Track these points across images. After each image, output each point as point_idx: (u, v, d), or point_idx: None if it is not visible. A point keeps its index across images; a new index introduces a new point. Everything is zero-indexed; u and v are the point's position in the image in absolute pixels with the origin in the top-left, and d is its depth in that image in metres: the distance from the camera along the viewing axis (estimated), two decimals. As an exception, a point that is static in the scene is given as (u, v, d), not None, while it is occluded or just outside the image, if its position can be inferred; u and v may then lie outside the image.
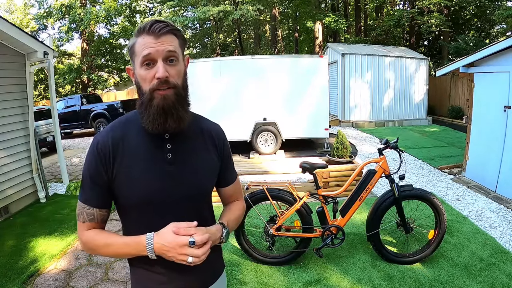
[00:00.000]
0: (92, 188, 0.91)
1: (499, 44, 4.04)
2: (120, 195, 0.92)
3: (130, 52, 0.91)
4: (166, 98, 0.86)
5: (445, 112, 11.51)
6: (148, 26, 0.86)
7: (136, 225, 0.95)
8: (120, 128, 0.94)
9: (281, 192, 2.71)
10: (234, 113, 6.83)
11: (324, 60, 6.84)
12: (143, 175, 0.90)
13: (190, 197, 0.95)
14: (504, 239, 3.06)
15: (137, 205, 0.92)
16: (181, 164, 0.94)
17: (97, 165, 0.90)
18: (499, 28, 16.77)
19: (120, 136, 0.92)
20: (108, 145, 0.90)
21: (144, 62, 0.86)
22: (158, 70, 0.84)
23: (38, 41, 4.30)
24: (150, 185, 0.90)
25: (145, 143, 0.92)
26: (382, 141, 2.73)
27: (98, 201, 0.92)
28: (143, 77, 0.87)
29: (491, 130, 4.29)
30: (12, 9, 21.47)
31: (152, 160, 0.92)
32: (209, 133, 1.03)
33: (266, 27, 23.87)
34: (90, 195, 0.92)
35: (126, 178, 0.90)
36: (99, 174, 0.90)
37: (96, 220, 0.93)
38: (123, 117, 0.98)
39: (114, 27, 18.41)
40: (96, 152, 0.90)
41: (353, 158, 5.67)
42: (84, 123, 11.40)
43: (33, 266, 2.86)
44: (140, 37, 0.87)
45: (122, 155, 0.90)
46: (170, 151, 0.93)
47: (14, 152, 4.21)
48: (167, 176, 0.92)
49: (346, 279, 2.55)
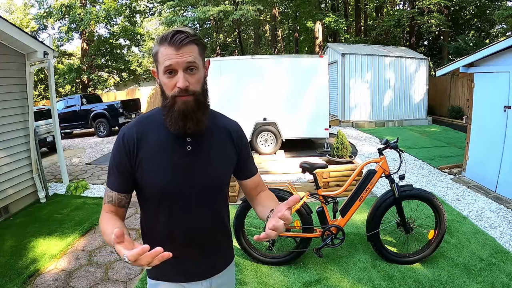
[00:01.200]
0: (116, 175, 1.01)
1: (499, 44, 4.04)
2: (143, 184, 1.01)
3: (154, 58, 0.99)
4: (186, 103, 0.95)
5: (445, 112, 11.51)
6: (169, 37, 0.92)
7: (155, 213, 1.04)
8: (144, 123, 1.04)
9: (281, 192, 2.71)
10: (234, 113, 6.70)
11: (324, 60, 6.84)
12: (164, 166, 0.99)
13: (207, 188, 1.04)
14: (504, 239, 3.06)
15: (157, 194, 1.00)
16: (199, 157, 1.02)
17: (121, 155, 0.99)
18: (499, 28, 16.77)
19: (144, 130, 1.01)
20: (133, 137, 0.99)
21: (166, 71, 0.93)
22: (179, 81, 0.92)
23: (38, 41, 4.30)
24: (170, 176, 0.99)
25: (167, 138, 1.00)
26: (382, 141, 2.73)
27: (118, 186, 1.02)
28: (166, 84, 0.95)
29: (491, 130, 4.29)
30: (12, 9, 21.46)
31: (173, 152, 1.00)
32: (227, 129, 1.11)
33: (266, 27, 23.87)
34: (113, 181, 1.02)
35: (148, 169, 0.99)
36: (123, 163, 1.00)
37: (114, 202, 1.02)
38: (147, 113, 1.08)
39: (114, 27, 18.37)
40: (121, 144, 1.00)
41: (353, 158, 5.67)
42: (84, 123, 11.40)
43: (33, 266, 2.85)
44: (162, 46, 0.93)
45: (145, 147, 0.99)
46: (190, 144, 1.01)
47: (14, 152, 4.21)
48: (187, 167, 1.00)
49: (346, 279, 2.55)
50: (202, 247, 1.07)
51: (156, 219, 1.04)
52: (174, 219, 1.03)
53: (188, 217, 1.03)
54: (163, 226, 1.04)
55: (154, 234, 1.06)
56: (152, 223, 1.06)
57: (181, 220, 1.03)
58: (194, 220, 1.04)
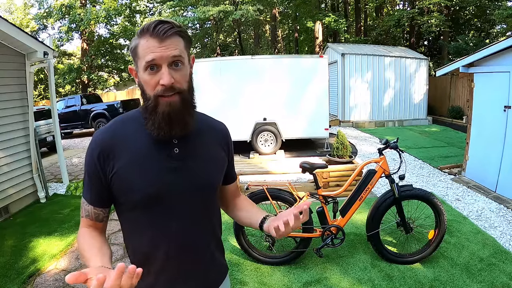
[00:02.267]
0: (90, 185, 0.91)
1: (499, 44, 4.04)
2: (121, 194, 0.89)
3: (132, 53, 0.87)
4: (171, 105, 0.83)
5: (445, 112, 11.51)
6: (152, 27, 0.81)
7: (138, 225, 0.92)
8: (121, 125, 0.92)
9: (281, 192, 2.71)
10: (234, 113, 6.83)
11: (324, 60, 6.84)
12: (146, 172, 0.87)
13: (197, 192, 0.93)
14: (504, 239, 3.06)
15: (139, 203, 0.88)
16: (188, 159, 0.92)
17: (94, 163, 0.88)
18: (499, 28, 16.75)
19: (120, 134, 0.89)
20: (107, 142, 0.87)
21: (148, 66, 0.82)
22: (163, 77, 0.81)
23: (38, 41, 4.30)
24: (153, 181, 0.87)
25: (148, 141, 0.88)
26: (382, 141, 2.73)
27: (93, 199, 0.91)
28: (147, 82, 0.83)
29: (491, 130, 4.29)
30: (12, 9, 21.46)
31: (155, 157, 0.88)
32: (215, 130, 1.03)
33: (266, 27, 23.86)
34: (87, 192, 0.92)
35: (127, 176, 0.86)
36: (96, 172, 0.88)
37: (91, 217, 0.92)
38: (122, 115, 0.95)
39: (114, 27, 18.39)
40: (94, 150, 0.88)
41: (353, 158, 5.67)
42: (84, 123, 11.40)
43: (33, 266, 2.85)
44: (143, 38, 0.82)
45: (122, 153, 0.87)
46: (177, 146, 0.90)
47: (14, 152, 4.21)
48: (172, 171, 0.89)
49: (346, 279, 2.55)
50: (194, 259, 0.96)
51: (140, 233, 0.91)
52: (162, 230, 0.90)
53: (174, 225, 0.91)
54: (149, 239, 0.90)
55: (141, 251, 0.93)
56: (137, 238, 0.93)
57: (167, 230, 0.90)
58: (181, 229, 0.92)
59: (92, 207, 0.91)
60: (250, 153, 6.96)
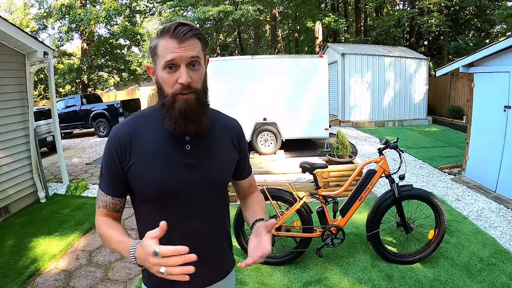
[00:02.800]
0: (108, 177, 0.95)
1: (499, 44, 4.04)
2: (136, 187, 0.94)
3: (151, 53, 0.91)
4: (187, 102, 0.88)
5: (445, 112, 11.51)
6: (172, 29, 0.85)
7: (152, 218, 0.93)
8: (138, 122, 0.97)
9: (281, 192, 2.71)
10: (234, 113, 6.70)
11: (324, 60, 6.84)
12: (160, 166, 0.92)
13: (208, 188, 0.98)
14: (504, 239, 3.06)
15: (153, 197, 0.94)
16: (199, 156, 0.96)
17: (113, 155, 0.93)
18: (499, 28, 16.75)
19: (137, 130, 0.94)
20: (125, 137, 0.93)
21: (167, 66, 0.86)
22: (182, 76, 0.86)
23: (38, 41, 4.30)
24: (167, 176, 0.92)
25: (163, 137, 0.94)
26: (382, 141, 2.73)
27: (112, 189, 0.96)
28: (166, 80, 0.88)
29: (491, 130, 4.29)
30: (12, 9, 21.45)
31: (170, 152, 0.93)
32: (227, 127, 1.07)
33: (266, 27, 23.86)
34: (105, 183, 0.97)
35: (142, 170, 0.92)
36: (115, 164, 0.93)
37: (109, 207, 0.97)
38: (140, 112, 1.02)
39: (114, 27, 18.37)
40: (113, 143, 0.93)
41: (353, 158, 5.67)
42: (84, 123, 11.40)
43: (33, 266, 2.85)
44: (163, 39, 0.87)
45: (139, 147, 0.93)
46: (189, 143, 0.95)
47: (14, 152, 4.21)
48: (186, 167, 0.94)
49: (346, 279, 2.55)
50: (202, 253, 0.90)
51: (153, 225, 0.89)
52: (173, 223, 0.90)
53: (188, 220, 0.95)
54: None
55: None
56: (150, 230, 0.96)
57: (180, 224, 0.94)
58: (194, 224, 0.97)
59: (110, 197, 0.96)
60: (250, 153, 6.96)
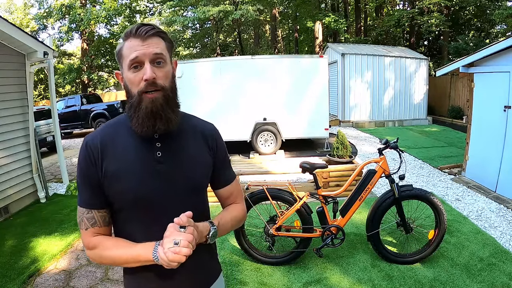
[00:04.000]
0: (87, 189, 0.91)
1: (499, 44, 4.04)
2: (110, 195, 0.91)
3: (118, 56, 0.92)
4: (154, 101, 0.87)
5: (445, 112, 11.51)
6: (134, 29, 0.87)
7: (128, 225, 0.94)
8: (109, 129, 0.95)
9: (281, 192, 2.71)
10: (234, 113, 6.84)
11: (324, 60, 6.84)
12: (133, 174, 0.90)
13: (181, 194, 0.94)
14: (504, 239, 3.06)
15: (128, 205, 0.91)
16: (171, 162, 0.93)
17: (88, 165, 0.90)
18: (499, 28, 16.76)
19: (109, 138, 0.93)
20: (97, 146, 0.90)
21: (132, 65, 0.87)
22: (146, 72, 0.85)
23: (38, 41, 4.30)
24: (141, 184, 0.90)
25: (134, 144, 0.92)
26: (382, 141, 2.73)
27: (95, 202, 0.91)
28: (131, 80, 0.88)
29: (491, 130, 4.29)
30: (12, 9, 21.45)
31: (142, 159, 0.91)
32: (201, 131, 1.02)
33: (266, 27, 23.85)
34: (86, 198, 0.92)
35: (116, 179, 0.89)
36: (92, 174, 0.90)
37: (99, 223, 0.92)
38: (112, 119, 1.00)
39: (114, 27, 18.37)
40: (86, 153, 0.90)
41: (353, 158, 5.67)
42: (84, 123, 11.40)
43: (33, 266, 2.86)
44: (127, 40, 0.88)
45: (111, 155, 0.90)
46: (160, 150, 0.93)
47: (14, 152, 4.21)
48: (158, 174, 0.91)
49: (346, 279, 2.55)
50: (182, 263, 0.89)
51: (130, 235, 0.92)
52: (149, 232, 0.90)
53: (164, 229, 0.86)
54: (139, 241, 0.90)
55: None
56: (125, 236, 0.93)
57: (156, 233, 0.87)
58: None
59: (95, 211, 0.91)
60: (250, 153, 6.96)
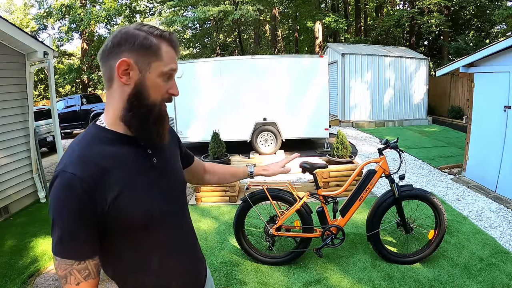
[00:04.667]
0: (81, 235, 0.74)
1: (499, 44, 4.04)
2: (120, 220, 0.79)
3: (147, 50, 0.79)
4: (164, 111, 0.89)
5: (445, 112, 11.51)
6: (172, 40, 0.84)
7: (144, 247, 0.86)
8: (88, 151, 0.78)
9: (281, 192, 2.71)
10: (234, 113, 6.84)
11: (324, 60, 6.84)
12: (140, 187, 0.84)
13: (179, 193, 0.99)
14: (504, 239, 3.06)
15: (142, 220, 0.83)
16: (164, 166, 0.94)
17: (83, 205, 0.73)
18: (499, 28, 16.76)
19: (97, 160, 0.77)
20: (89, 176, 0.74)
21: (167, 74, 0.83)
22: (174, 88, 0.86)
23: (38, 41, 4.29)
24: (151, 198, 0.86)
25: (128, 155, 0.84)
26: (382, 141, 2.72)
27: (91, 248, 0.77)
28: (159, 87, 0.82)
29: (491, 130, 4.29)
30: (12, 9, 21.46)
31: (144, 169, 0.86)
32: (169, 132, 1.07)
33: (266, 27, 23.86)
34: (78, 246, 0.75)
35: (126, 202, 0.79)
36: (90, 214, 0.74)
37: (93, 274, 0.76)
38: (82, 140, 0.81)
39: (114, 27, 18.36)
40: (77, 192, 0.72)
41: (353, 158, 5.67)
42: (84, 123, 11.39)
43: (33, 266, 2.86)
44: (164, 44, 0.81)
45: (110, 177, 0.77)
46: (153, 156, 0.89)
47: (14, 152, 4.21)
48: (159, 179, 0.90)
49: (346, 279, 2.55)
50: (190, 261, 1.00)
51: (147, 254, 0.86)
52: (167, 242, 0.89)
53: (175, 233, 0.93)
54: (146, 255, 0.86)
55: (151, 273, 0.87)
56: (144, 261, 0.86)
57: (171, 240, 0.91)
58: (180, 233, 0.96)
59: (89, 261, 0.76)
60: (250, 153, 6.96)
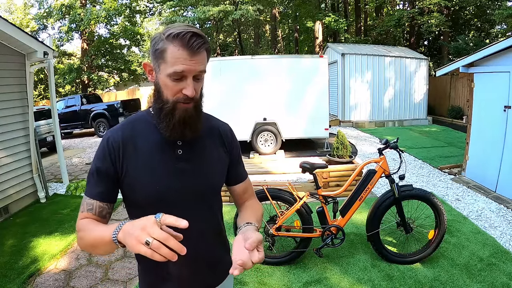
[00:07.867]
0: (98, 181, 0.91)
1: (499, 44, 4.04)
2: (130, 193, 0.92)
3: (156, 54, 0.86)
4: (188, 110, 0.88)
5: (445, 112, 11.51)
6: (187, 39, 0.81)
7: None
8: (131, 126, 0.95)
9: (281, 192, 2.71)
10: (234, 113, 6.83)
11: (324, 60, 6.84)
12: (154, 172, 0.91)
13: (201, 193, 0.97)
14: (504, 239, 3.06)
15: (148, 203, 0.91)
16: (191, 161, 0.95)
17: (106, 160, 0.90)
18: (499, 28, 16.76)
19: (130, 135, 0.93)
20: (119, 141, 0.91)
21: (174, 75, 0.84)
22: (188, 89, 0.85)
23: (38, 41, 4.30)
24: (161, 182, 0.91)
25: (156, 141, 0.93)
26: (382, 141, 2.73)
27: (100, 193, 0.91)
28: (169, 87, 0.86)
29: (491, 130, 4.29)
30: (12, 9, 21.44)
31: (163, 157, 0.92)
32: (218, 131, 1.05)
33: (266, 27, 23.87)
34: (93, 188, 0.91)
35: (136, 176, 0.90)
36: (107, 169, 0.90)
37: (94, 211, 0.90)
38: (132, 116, 0.99)
39: (114, 27, 18.36)
40: (107, 151, 0.90)
41: (353, 158, 5.67)
42: (84, 123, 11.40)
43: (33, 266, 2.86)
44: (174, 45, 0.82)
45: (132, 153, 0.91)
46: (181, 148, 0.94)
47: (14, 152, 4.21)
48: (178, 173, 0.93)
49: (346, 279, 2.55)
50: (198, 257, 0.98)
51: None
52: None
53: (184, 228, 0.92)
54: None
55: None
56: None
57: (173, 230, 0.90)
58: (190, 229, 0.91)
59: (96, 201, 0.91)
60: (250, 153, 6.96)
